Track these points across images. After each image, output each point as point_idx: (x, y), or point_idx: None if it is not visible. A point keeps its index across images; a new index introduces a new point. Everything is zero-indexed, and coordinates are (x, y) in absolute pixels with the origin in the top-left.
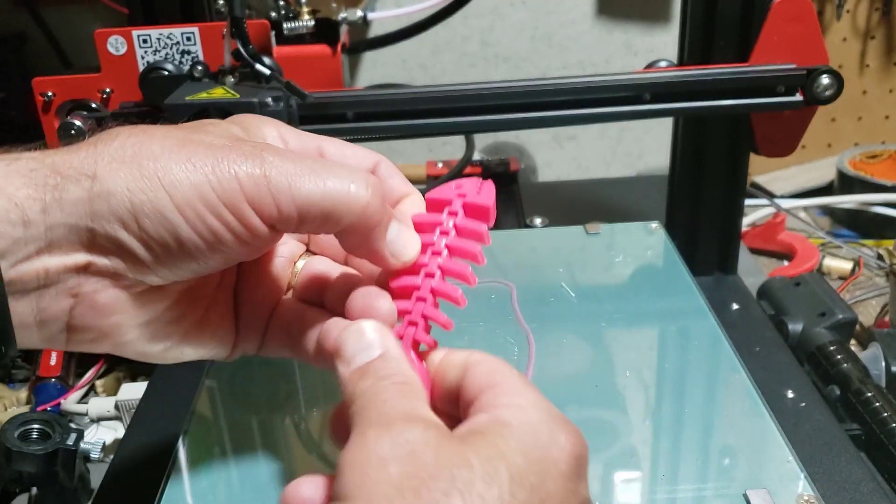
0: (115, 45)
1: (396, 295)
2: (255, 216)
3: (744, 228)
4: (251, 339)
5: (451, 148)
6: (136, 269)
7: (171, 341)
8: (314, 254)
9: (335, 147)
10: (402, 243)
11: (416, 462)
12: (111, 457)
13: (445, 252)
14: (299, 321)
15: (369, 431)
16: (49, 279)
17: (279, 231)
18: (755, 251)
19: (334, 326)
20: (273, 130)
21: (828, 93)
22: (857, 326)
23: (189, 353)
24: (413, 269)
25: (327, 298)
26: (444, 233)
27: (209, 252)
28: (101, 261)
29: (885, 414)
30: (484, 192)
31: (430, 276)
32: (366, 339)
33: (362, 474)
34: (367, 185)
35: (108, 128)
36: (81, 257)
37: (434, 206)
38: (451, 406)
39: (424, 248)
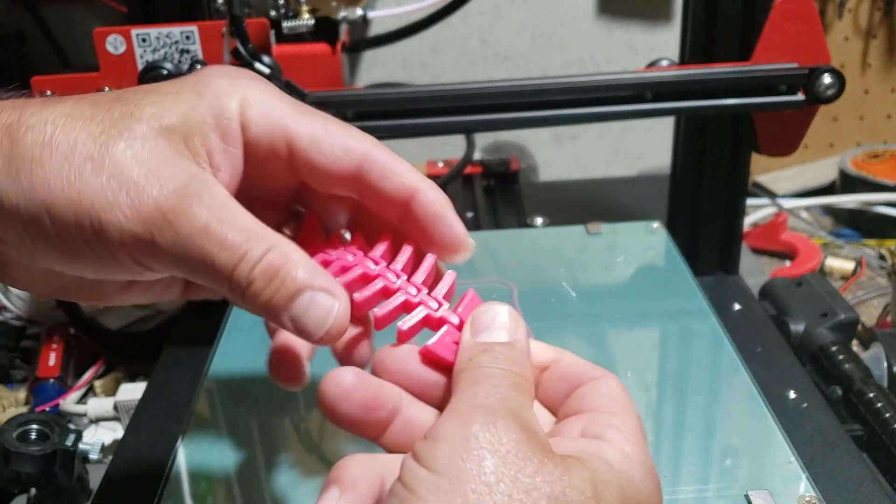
0: (114, 44)
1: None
2: (132, 263)
3: (745, 228)
4: (206, 291)
5: (451, 147)
6: (26, 260)
7: (93, 296)
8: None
9: (308, 135)
10: (313, 319)
11: (514, 466)
12: (110, 457)
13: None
14: None
15: (475, 412)
16: None
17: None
18: (757, 251)
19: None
20: (235, 109)
21: (830, 92)
22: (859, 327)
23: (120, 300)
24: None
25: None
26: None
27: (98, 273)
28: None
29: (888, 415)
30: None
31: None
32: (499, 321)
33: (457, 456)
34: (252, 267)
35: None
36: None
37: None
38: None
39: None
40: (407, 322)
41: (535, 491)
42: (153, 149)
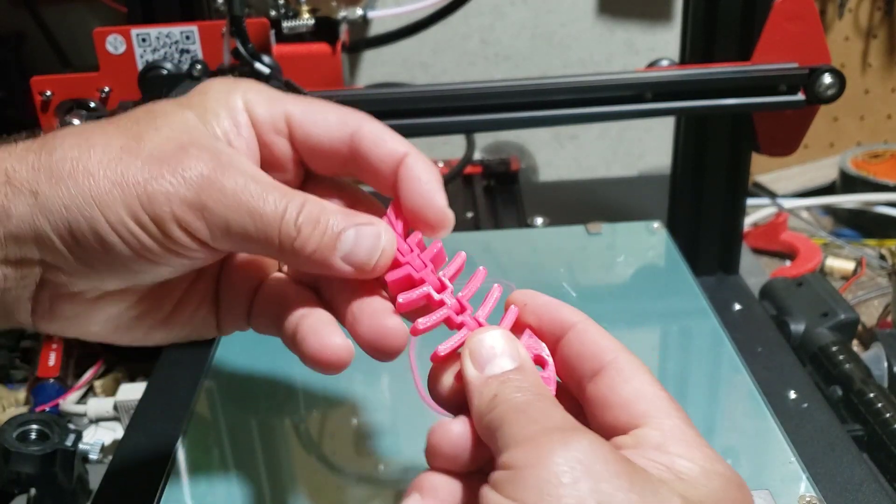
0: (114, 43)
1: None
2: (184, 235)
3: (746, 228)
4: (235, 319)
5: (451, 147)
6: (83, 281)
7: (138, 332)
8: None
9: (302, 109)
10: (364, 249)
11: (609, 485)
12: (110, 458)
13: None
14: (283, 301)
15: (551, 435)
16: (8, 284)
17: (215, 248)
18: (757, 251)
19: (314, 335)
20: (238, 100)
21: (830, 92)
22: (860, 327)
23: (161, 337)
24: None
25: (323, 285)
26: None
27: (148, 265)
28: (51, 274)
29: (888, 415)
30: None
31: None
32: (498, 348)
33: (547, 483)
34: (296, 213)
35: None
36: (35, 270)
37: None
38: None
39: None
40: (446, 345)
41: (616, 500)
42: (181, 126)
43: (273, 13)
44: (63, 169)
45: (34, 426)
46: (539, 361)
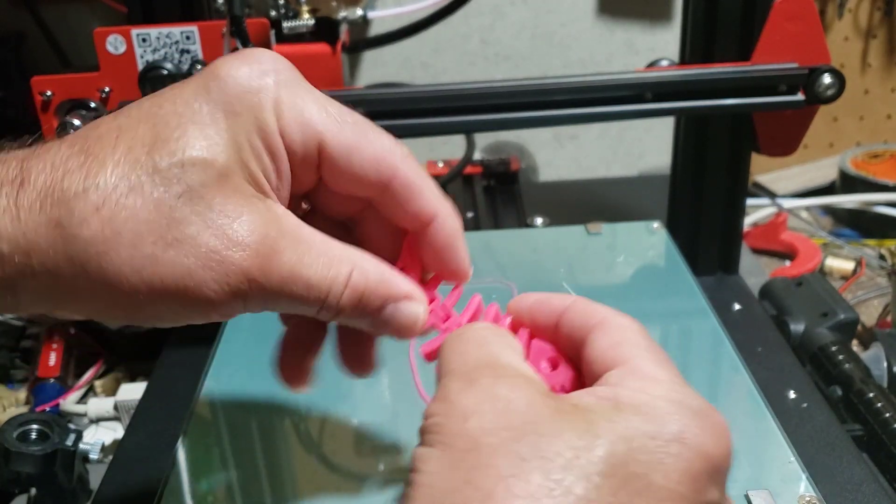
0: (114, 44)
1: None
2: (222, 317)
3: (745, 228)
4: None
5: (451, 147)
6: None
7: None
8: None
9: (340, 150)
10: (402, 318)
11: (500, 418)
12: (110, 457)
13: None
14: None
15: (452, 383)
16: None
17: None
18: (757, 251)
19: None
20: (269, 115)
21: (829, 92)
22: (859, 327)
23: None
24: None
25: None
26: None
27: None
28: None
29: (888, 414)
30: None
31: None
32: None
33: (442, 425)
34: (339, 296)
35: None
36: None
37: None
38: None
39: None
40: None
41: (522, 439)
42: (221, 206)
43: (273, 13)
44: (88, 265)
45: (34, 426)
46: (554, 363)
